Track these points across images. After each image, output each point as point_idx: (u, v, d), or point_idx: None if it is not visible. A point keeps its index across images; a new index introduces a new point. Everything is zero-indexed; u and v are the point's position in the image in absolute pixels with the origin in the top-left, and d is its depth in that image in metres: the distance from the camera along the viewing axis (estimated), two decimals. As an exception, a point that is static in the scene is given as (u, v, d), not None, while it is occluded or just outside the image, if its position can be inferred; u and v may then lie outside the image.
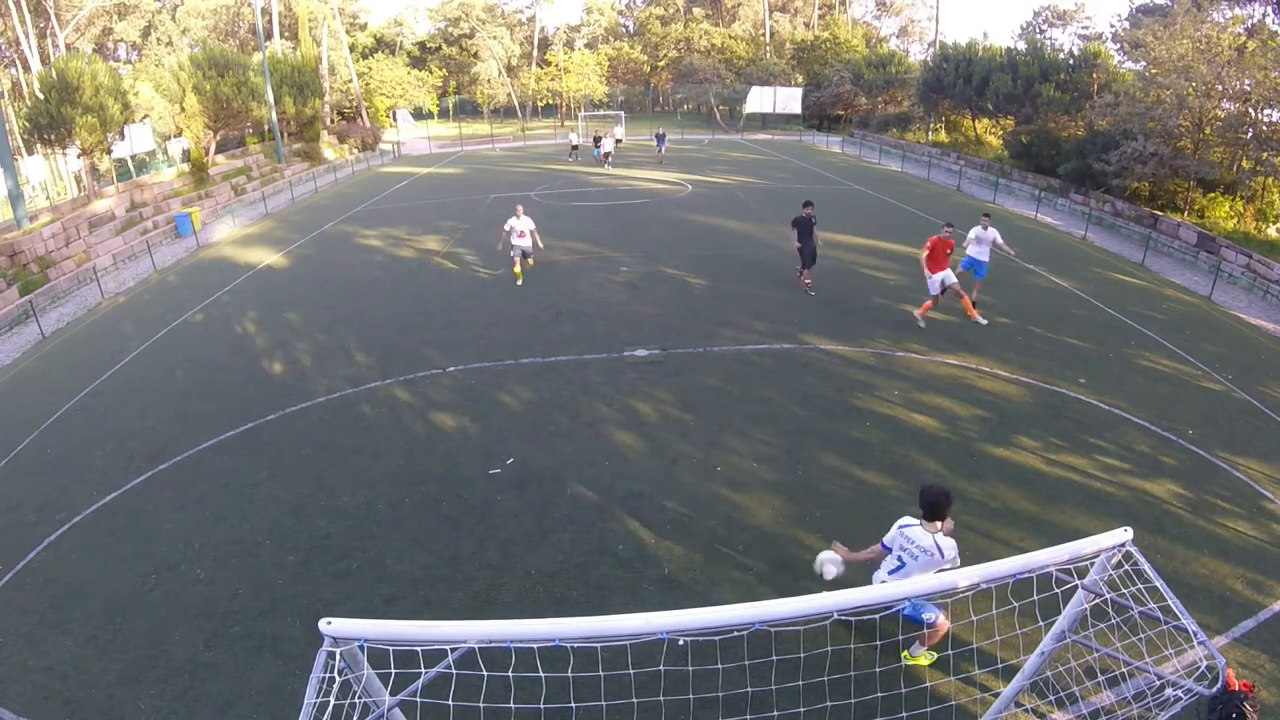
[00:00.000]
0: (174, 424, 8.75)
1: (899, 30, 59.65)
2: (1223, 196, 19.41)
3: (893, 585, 2.58)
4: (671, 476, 7.29)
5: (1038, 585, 2.95)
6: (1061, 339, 10.84)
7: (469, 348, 10.69)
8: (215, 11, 43.62)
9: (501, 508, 6.84)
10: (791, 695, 3.96)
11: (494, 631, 2.43)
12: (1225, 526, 6.54)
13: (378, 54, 52.89)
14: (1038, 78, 25.83)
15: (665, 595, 5.66)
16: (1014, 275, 14.52)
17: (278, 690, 4.85)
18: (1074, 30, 34.61)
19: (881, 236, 17.17)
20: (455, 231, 18.71)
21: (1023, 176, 25.10)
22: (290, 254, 17.32)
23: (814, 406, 8.71)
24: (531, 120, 54.79)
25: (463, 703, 2.76)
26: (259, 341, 11.46)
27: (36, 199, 21.35)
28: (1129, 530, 2.84)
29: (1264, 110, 17.97)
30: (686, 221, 19.31)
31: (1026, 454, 7.68)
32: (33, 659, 5.23)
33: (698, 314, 11.92)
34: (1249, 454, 7.80)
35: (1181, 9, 19.12)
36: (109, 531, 6.71)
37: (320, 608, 5.43)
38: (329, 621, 2.42)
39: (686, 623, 2.48)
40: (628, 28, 60.39)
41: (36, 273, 15.50)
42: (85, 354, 11.61)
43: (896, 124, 38.23)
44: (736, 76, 50.76)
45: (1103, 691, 4.49)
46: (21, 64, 35.31)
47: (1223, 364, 10.29)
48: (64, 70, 19.63)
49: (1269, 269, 14.47)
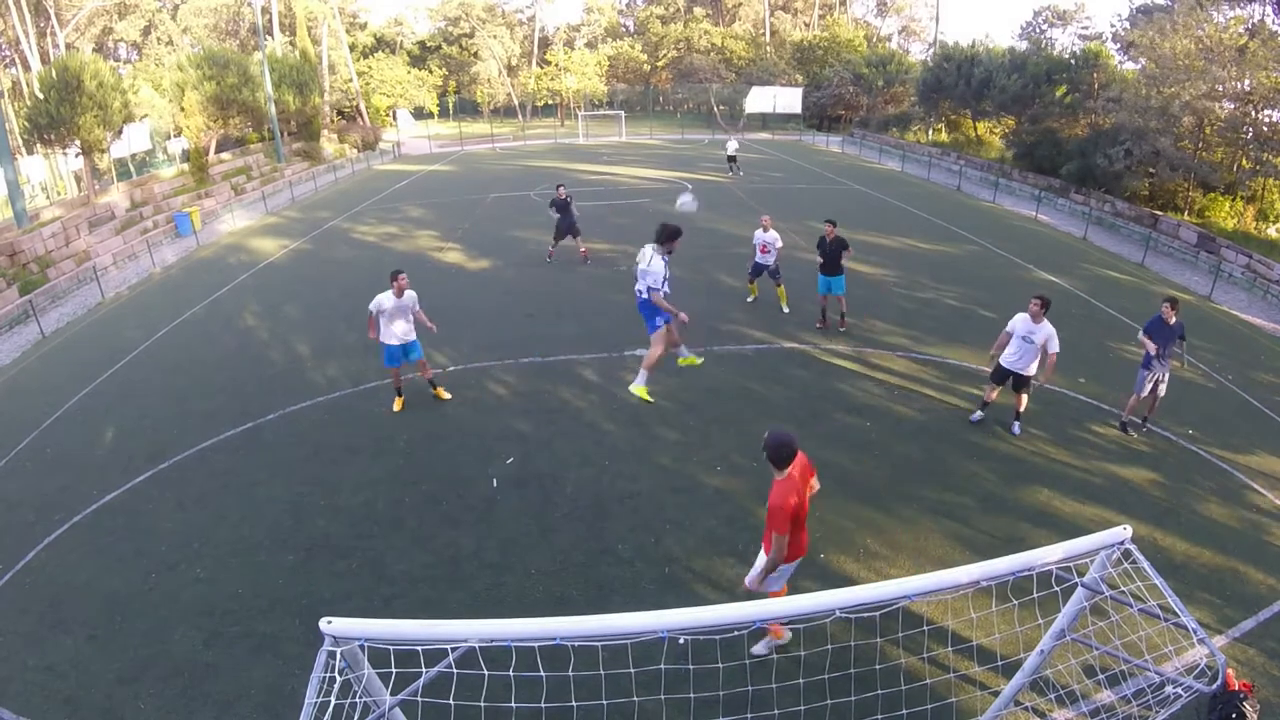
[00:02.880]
0: (174, 424, 8.75)
1: (900, 30, 59.67)
2: (1223, 196, 19.43)
3: (894, 584, 2.58)
4: (671, 476, 7.29)
5: (1037, 583, 2.96)
6: (1061, 338, 10.82)
7: (469, 347, 10.68)
8: (215, 10, 43.58)
9: (501, 507, 6.84)
10: (791, 694, 3.96)
11: (494, 631, 2.43)
12: (1225, 525, 6.54)
13: (378, 53, 52.87)
14: (1041, 78, 25.83)
15: (665, 595, 5.66)
16: (1013, 274, 14.53)
17: (278, 690, 4.85)
18: (1074, 30, 34.58)
19: (881, 236, 17.16)
20: (455, 230, 18.71)
21: (1023, 176, 25.10)
22: (290, 253, 17.31)
23: (813, 405, 8.71)
24: (531, 120, 54.79)
25: (463, 702, 2.76)
26: (259, 341, 11.46)
27: (36, 198, 21.37)
28: (1128, 528, 2.84)
29: (1264, 110, 17.98)
30: (687, 220, 19.28)
31: (1026, 452, 7.69)
32: (32, 658, 5.23)
33: (697, 313, 11.85)
34: (1248, 453, 7.81)
35: (1183, 9, 19.11)
36: (109, 531, 6.71)
37: (320, 607, 5.43)
38: (329, 621, 2.41)
39: (686, 622, 2.48)
40: (628, 27, 60.36)
41: (36, 272, 15.49)
42: (85, 354, 11.61)
43: (896, 124, 38.24)
44: (737, 76, 50.76)
45: (1103, 690, 4.49)
46: (21, 64, 35.29)
47: (1222, 364, 10.30)
48: (64, 68, 19.62)
49: (1269, 269, 14.47)
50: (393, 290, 8.12)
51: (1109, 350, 10.36)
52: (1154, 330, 7.78)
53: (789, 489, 4.26)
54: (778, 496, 4.25)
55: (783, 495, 4.24)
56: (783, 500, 4.22)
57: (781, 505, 4.22)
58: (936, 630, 4.99)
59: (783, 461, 4.27)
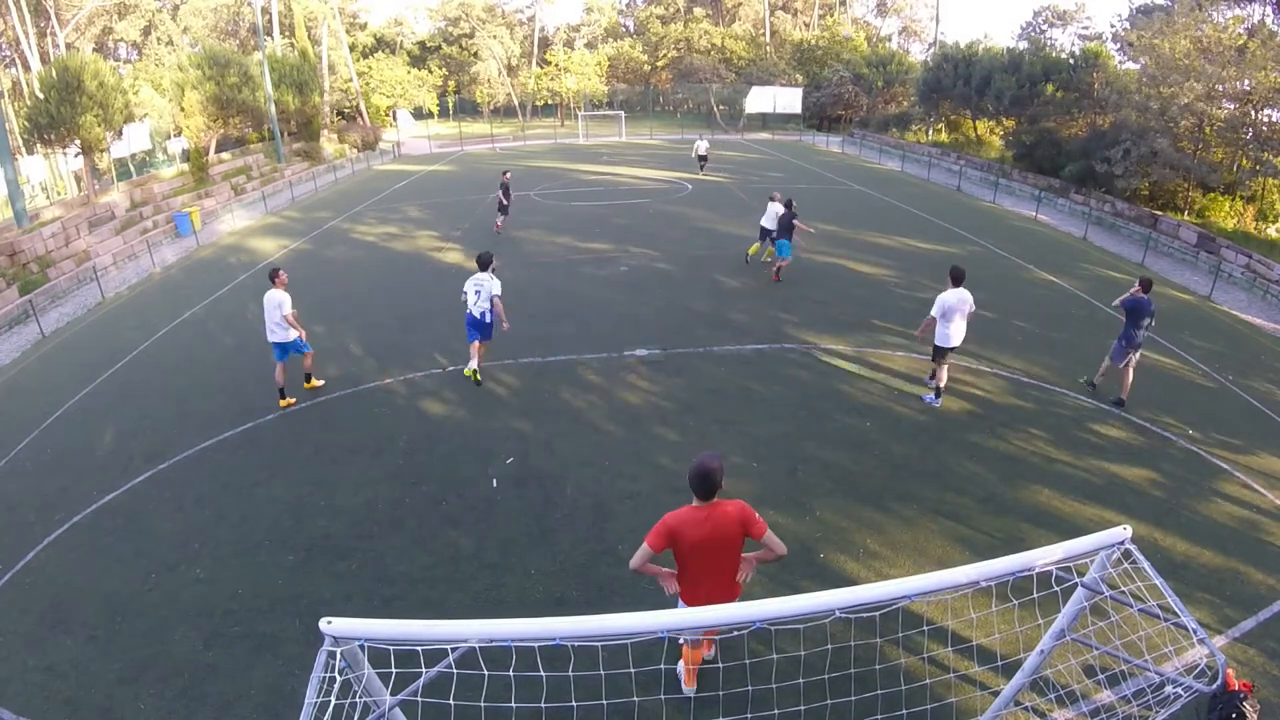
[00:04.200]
0: (174, 424, 8.75)
1: (900, 30, 59.70)
2: (1223, 196, 19.43)
3: (893, 584, 2.58)
4: (672, 476, 7.28)
5: (1037, 583, 2.96)
6: (1061, 338, 10.84)
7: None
8: (215, 10, 43.62)
9: (501, 508, 6.84)
10: (791, 694, 3.96)
11: (494, 631, 2.43)
12: (1224, 525, 6.55)
13: (378, 53, 52.91)
14: (1039, 78, 25.85)
15: (665, 595, 5.65)
16: (1013, 274, 14.53)
17: (278, 690, 4.84)
18: (1074, 30, 34.61)
19: (881, 236, 17.17)
20: (455, 230, 18.71)
21: (1023, 176, 25.11)
22: (290, 253, 17.32)
23: (813, 405, 8.71)
24: (531, 120, 54.80)
25: (463, 702, 2.76)
26: (259, 341, 11.42)
27: (36, 198, 21.37)
28: (1128, 528, 2.84)
29: (1264, 110, 17.98)
30: (687, 220, 19.32)
31: (1026, 451, 7.69)
32: (32, 658, 5.23)
33: (698, 313, 11.92)
34: (1248, 453, 7.81)
35: (1183, 9, 19.11)
36: (109, 531, 6.71)
37: (320, 608, 5.43)
38: (329, 621, 2.41)
39: (686, 622, 2.48)
40: (628, 27, 60.38)
41: (36, 272, 15.49)
42: (85, 354, 11.61)
43: (896, 124, 38.25)
44: (737, 76, 50.77)
45: (1103, 690, 4.49)
46: (21, 64, 35.30)
47: (1222, 364, 10.30)
48: (65, 67, 19.62)
49: (1269, 269, 14.48)
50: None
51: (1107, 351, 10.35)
52: (1132, 306, 8.42)
53: (691, 520, 3.78)
54: (671, 516, 3.81)
55: (676, 518, 3.79)
56: (669, 521, 3.79)
57: (662, 523, 3.79)
58: (936, 630, 4.99)
59: (701, 492, 3.78)
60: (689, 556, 3.87)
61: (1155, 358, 10.40)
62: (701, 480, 3.75)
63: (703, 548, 3.82)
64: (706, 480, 3.74)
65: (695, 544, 3.81)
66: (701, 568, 3.90)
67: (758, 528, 3.81)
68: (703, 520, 3.78)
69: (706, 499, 3.81)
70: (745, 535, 3.85)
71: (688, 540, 3.80)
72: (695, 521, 3.78)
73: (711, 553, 3.85)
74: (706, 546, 3.82)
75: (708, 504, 3.81)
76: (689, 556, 3.87)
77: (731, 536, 3.82)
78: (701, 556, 3.86)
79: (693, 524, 3.78)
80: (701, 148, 28.20)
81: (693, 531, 3.78)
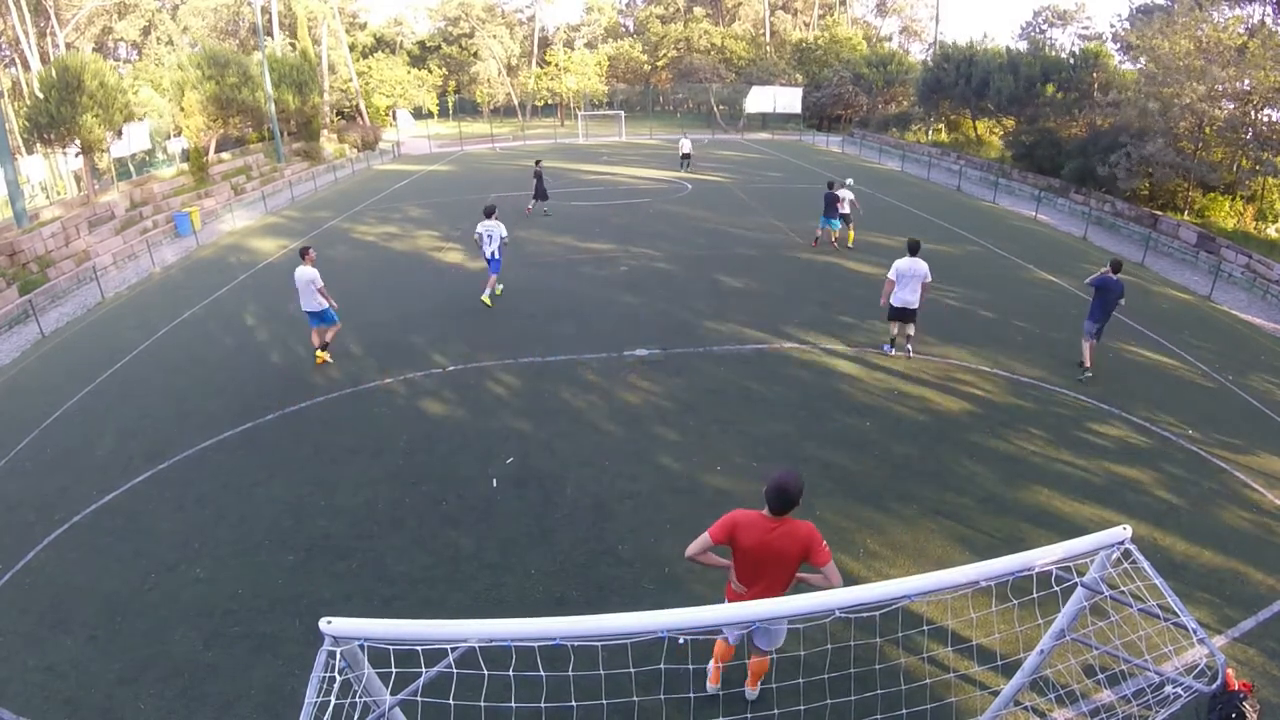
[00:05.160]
0: (174, 423, 8.75)
1: (900, 29, 59.70)
2: (1222, 196, 19.43)
3: (893, 584, 2.58)
4: (672, 476, 7.29)
5: (1037, 583, 2.96)
6: (1061, 338, 10.84)
7: (469, 346, 10.68)
8: (215, 10, 43.61)
9: (501, 508, 6.84)
10: (791, 694, 3.96)
11: (494, 631, 2.43)
12: (1224, 525, 6.55)
13: (378, 53, 52.89)
14: (1039, 78, 25.85)
15: (665, 595, 5.66)
16: (1013, 274, 14.53)
17: (278, 690, 4.84)
18: (1074, 30, 34.59)
19: (881, 236, 17.16)
20: (455, 230, 18.70)
21: (1023, 176, 25.11)
22: (290, 253, 17.30)
23: (814, 405, 8.71)
24: (531, 120, 54.79)
25: (463, 702, 2.76)
26: (258, 340, 11.46)
27: (36, 198, 21.37)
28: (1127, 528, 2.84)
29: (1264, 110, 17.97)
30: (687, 220, 19.31)
31: (1026, 451, 7.69)
32: (32, 658, 5.23)
33: (698, 313, 11.92)
34: (1248, 453, 7.81)
35: (1183, 9, 19.11)
36: (109, 531, 6.71)
37: (320, 608, 5.43)
38: (329, 621, 2.41)
39: (686, 622, 2.48)
40: (628, 27, 60.38)
41: (36, 272, 15.48)
42: (85, 354, 11.61)
43: (896, 124, 38.25)
44: (737, 76, 50.77)
45: (1103, 690, 4.49)
46: (22, 63, 35.29)
47: (1222, 364, 10.30)
48: (65, 67, 19.61)
49: (1269, 269, 14.48)
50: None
51: (1109, 350, 10.36)
52: (1100, 285, 9.18)
53: (758, 526, 3.80)
54: (740, 513, 3.88)
55: (745, 516, 3.84)
56: (736, 517, 3.85)
57: (729, 516, 3.87)
58: (936, 630, 4.98)
59: (775, 507, 3.79)
60: (744, 558, 3.92)
61: (1155, 358, 10.40)
62: (777, 495, 3.76)
63: (759, 556, 3.84)
64: (782, 496, 3.76)
65: (751, 549, 3.84)
66: (754, 574, 3.93)
67: (822, 556, 3.78)
68: (768, 531, 3.80)
69: (779, 514, 3.81)
70: (805, 558, 3.84)
71: (746, 543, 3.83)
72: (761, 529, 3.80)
73: (767, 564, 3.87)
74: (764, 557, 3.84)
75: (779, 519, 3.82)
76: (744, 558, 3.92)
77: (791, 555, 3.82)
78: (756, 564, 3.89)
79: (758, 531, 3.80)
80: (685, 146, 28.57)
81: (755, 537, 3.81)
